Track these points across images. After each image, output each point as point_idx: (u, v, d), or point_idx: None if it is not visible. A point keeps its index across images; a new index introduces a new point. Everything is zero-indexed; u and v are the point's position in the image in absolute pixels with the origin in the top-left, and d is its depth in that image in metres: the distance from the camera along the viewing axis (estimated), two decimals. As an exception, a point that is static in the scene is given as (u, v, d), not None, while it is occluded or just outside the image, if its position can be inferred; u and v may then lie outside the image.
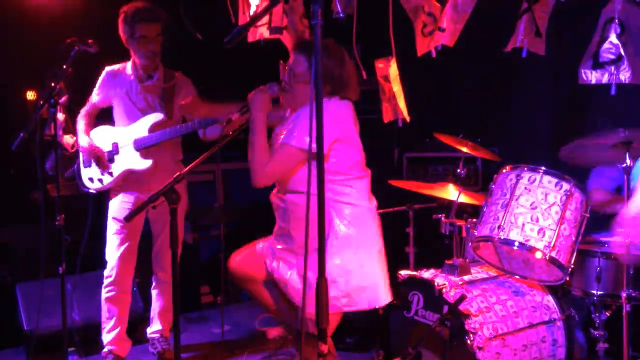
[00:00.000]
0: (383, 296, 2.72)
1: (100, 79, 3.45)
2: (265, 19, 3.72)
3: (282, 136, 2.62)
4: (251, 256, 2.90)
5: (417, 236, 3.67)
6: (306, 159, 2.47)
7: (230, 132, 2.55)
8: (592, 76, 2.59)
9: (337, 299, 2.57)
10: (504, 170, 2.89)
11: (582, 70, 2.63)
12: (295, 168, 2.59)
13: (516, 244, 2.69)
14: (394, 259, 4.14)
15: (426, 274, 3.01)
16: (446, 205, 3.39)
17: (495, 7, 3.31)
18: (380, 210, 3.69)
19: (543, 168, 2.76)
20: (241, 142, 2.77)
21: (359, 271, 2.63)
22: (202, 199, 5.05)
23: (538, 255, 2.68)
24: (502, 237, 2.72)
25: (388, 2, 3.39)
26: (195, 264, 4.64)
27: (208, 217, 4.63)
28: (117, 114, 3.41)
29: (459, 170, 3.39)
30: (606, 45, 2.53)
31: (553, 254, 2.65)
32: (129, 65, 3.42)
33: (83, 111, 3.46)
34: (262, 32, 3.72)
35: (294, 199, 2.65)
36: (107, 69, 3.45)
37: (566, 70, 3.78)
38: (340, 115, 2.62)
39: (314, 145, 1.63)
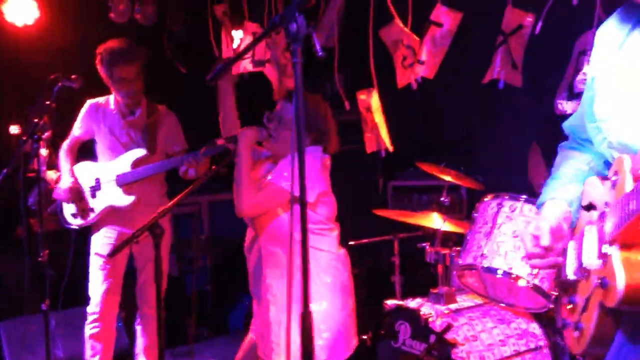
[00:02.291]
0: (354, 341, 2.70)
1: (82, 111, 3.44)
2: (249, 52, 3.77)
3: (270, 176, 2.61)
4: (250, 350, 2.83)
5: (403, 265, 3.67)
6: (288, 202, 2.49)
7: (214, 167, 2.56)
8: (567, 106, 2.65)
9: (319, 346, 2.53)
10: (486, 199, 2.92)
11: (558, 101, 2.69)
12: (275, 209, 2.59)
13: (499, 272, 2.71)
14: (380, 289, 4.15)
15: (412, 303, 3.00)
16: (431, 234, 3.40)
17: (475, 38, 3.40)
18: (366, 240, 3.71)
19: (524, 197, 2.80)
20: (227, 174, 2.79)
21: (338, 316, 2.61)
22: (188, 231, 5.03)
23: (521, 283, 2.69)
24: (485, 266, 2.73)
25: (369, 35, 3.46)
26: (181, 296, 4.60)
27: (194, 249, 4.61)
28: (100, 148, 3.41)
29: (442, 199, 3.41)
30: (580, 76, 2.59)
31: (536, 281, 2.67)
32: (111, 99, 3.41)
33: (65, 145, 3.45)
34: (245, 65, 3.77)
35: (270, 247, 2.64)
36: (90, 102, 3.45)
37: (548, 99, 3.86)
38: (327, 166, 2.65)
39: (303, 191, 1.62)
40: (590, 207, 1.51)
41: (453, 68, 3.36)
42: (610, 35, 1.55)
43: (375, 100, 3.52)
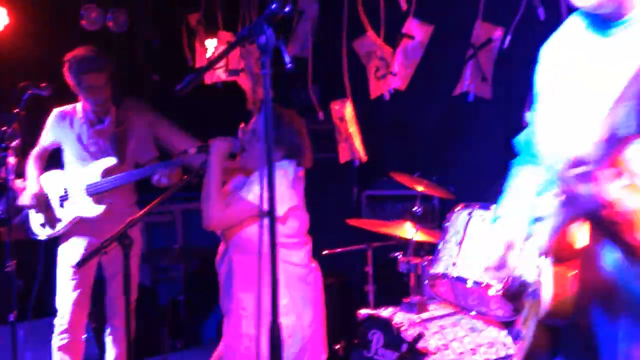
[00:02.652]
0: (323, 356, 2.70)
1: (49, 120, 3.38)
2: (223, 61, 3.77)
3: (242, 190, 2.59)
4: None
5: (376, 274, 3.69)
6: (258, 215, 2.48)
7: (184, 177, 2.54)
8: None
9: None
10: (457, 209, 2.95)
11: (527, 113, 2.74)
12: (245, 222, 2.57)
13: (470, 281, 2.74)
14: (354, 298, 4.16)
15: (385, 312, 3.02)
16: (404, 243, 3.43)
17: (446, 51, 3.44)
18: (340, 249, 3.72)
19: (494, 206, 2.83)
20: (199, 183, 2.77)
21: (307, 331, 2.60)
22: (161, 240, 4.98)
23: (491, 291, 2.72)
24: (456, 275, 2.76)
25: (342, 46, 3.49)
26: (154, 307, 4.55)
27: (167, 259, 4.56)
28: (68, 157, 3.36)
29: (415, 209, 3.44)
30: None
31: (506, 290, 2.70)
32: (79, 107, 3.36)
33: (33, 153, 3.39)
34: (219, 74, 3.77)
35: (241, 260, 2.63)
36: (56, 110, 3.39)
37: (518, 110, 3.92)
38: (300, 179, 2.65)
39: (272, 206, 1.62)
40: (538, 219, 1.54)
41: (425, 79, 3.40)
42: (555, 50, 1.61)
43: (348, 111, 3.55)
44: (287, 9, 1.47)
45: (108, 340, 3.52)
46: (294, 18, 3.69)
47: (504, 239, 1.57)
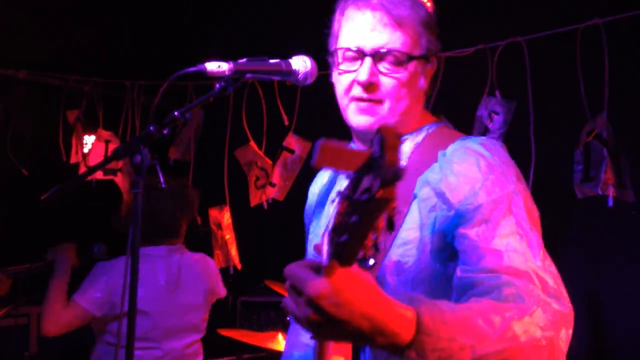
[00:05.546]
0: None
1: None
2: (100, 158, 3.68)
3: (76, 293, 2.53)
4: None
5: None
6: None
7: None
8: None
9: None
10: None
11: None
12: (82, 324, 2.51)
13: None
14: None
15: None
16: (276, 355, 3.37)
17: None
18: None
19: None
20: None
21: None
22: (12, 346, 4.50)
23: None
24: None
25: (224, 153, 3.55)
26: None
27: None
28: None
29: (288, 318, 3.42)
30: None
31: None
32: None
33: None
34: (95, 173, 3.65)
35: (105, 350, 2.51)
36: None
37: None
38: None
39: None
40: None
41: (304, 191, 3.51)
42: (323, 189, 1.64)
43: (226, 218, 3.56)
44: (165, 132, 1.49)
45: None
46: (178, 123, 3.72)
47: None
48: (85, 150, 3.87)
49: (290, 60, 1.47)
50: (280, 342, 3.37)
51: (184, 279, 2.70)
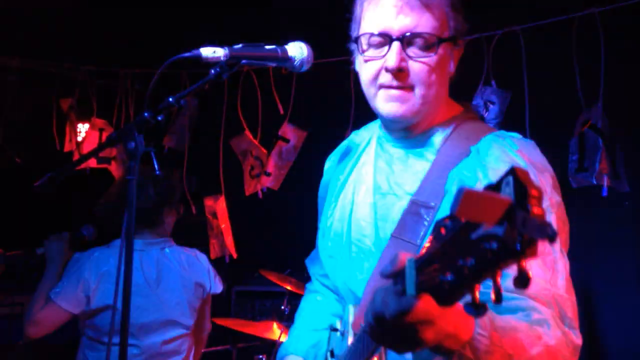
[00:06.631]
0: None
1: None
2: (94, 146, 3.67)
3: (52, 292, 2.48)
4: None
5: (241, 376, 3.57)
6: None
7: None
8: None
9: None
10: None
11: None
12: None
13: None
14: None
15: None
16: (270, 345, 3.37)
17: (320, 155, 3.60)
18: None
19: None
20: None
21: None
22: (6, 335, 4.49)
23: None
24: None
25: (219, 142, 3.54)
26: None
27: (10, 357, 4.12)
28: None
29: (283, 307, 3.43)
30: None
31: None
32: None
33: None
34: (89, 161, 3.64)
35: (88, 343, 2.49)
36: None
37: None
38: None
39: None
40: (332, 354, 1.50)
41: (298, 181, 3.51)
42: (335, 171, 1.62)
43: (221, 207, 3.55)
44: (159, 118, 1.48)
45: None
46: (173, 110, 3.71)
47: None
48: (79, 138, 3.85)
49: (286, 47, 1.45)
50: (274, 331, 3.38)
51: (164, 274, 2.58)
